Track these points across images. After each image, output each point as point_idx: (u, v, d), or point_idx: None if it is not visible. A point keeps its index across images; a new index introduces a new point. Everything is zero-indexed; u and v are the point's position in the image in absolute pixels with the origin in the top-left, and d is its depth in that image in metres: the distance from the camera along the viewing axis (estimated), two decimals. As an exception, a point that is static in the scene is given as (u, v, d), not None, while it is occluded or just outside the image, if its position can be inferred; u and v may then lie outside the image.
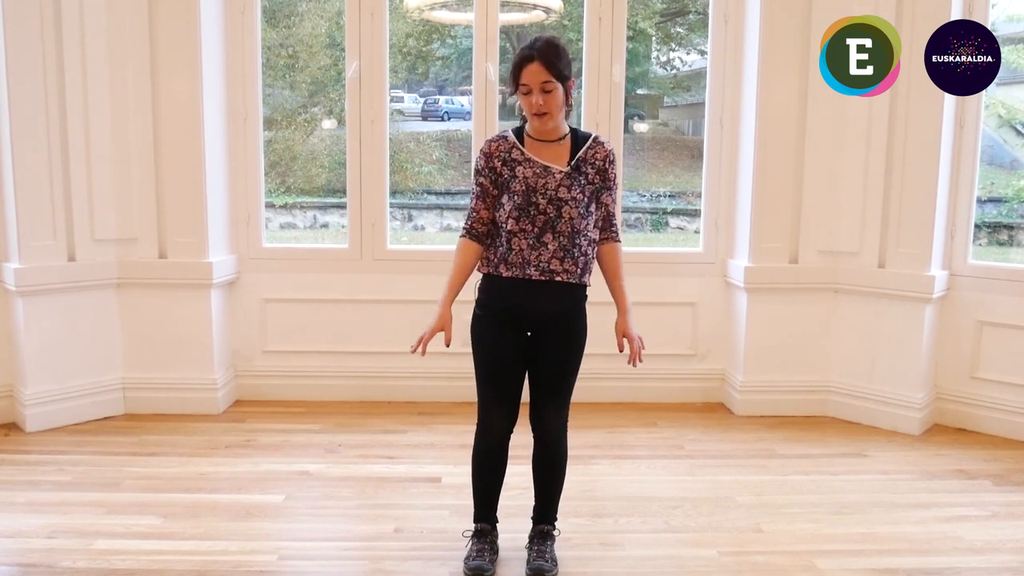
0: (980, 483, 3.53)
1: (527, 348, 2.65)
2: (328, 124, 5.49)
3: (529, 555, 2.74)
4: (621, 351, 2.70)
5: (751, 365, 4.37)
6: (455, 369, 4.32)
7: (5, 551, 2.83)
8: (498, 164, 2.54)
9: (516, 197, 2.51)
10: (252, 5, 4.30)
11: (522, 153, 2.54)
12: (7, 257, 3.94)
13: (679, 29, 5.89)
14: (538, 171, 2.51)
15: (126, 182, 4.11)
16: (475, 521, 2.82)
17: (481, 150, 2.59)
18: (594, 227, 2.61)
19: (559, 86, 2.46)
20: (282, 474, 3.52)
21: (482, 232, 2.59)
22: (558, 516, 2.85)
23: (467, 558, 2.75)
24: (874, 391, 4.23)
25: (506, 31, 4.92)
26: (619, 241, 2.69)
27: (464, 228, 2.60)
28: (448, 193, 6.00)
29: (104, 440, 3.88)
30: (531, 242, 2.52)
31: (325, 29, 5.21)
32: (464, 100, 5.45)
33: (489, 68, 4.24)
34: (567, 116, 2.60)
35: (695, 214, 5.09)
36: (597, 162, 2.56)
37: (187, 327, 4.24)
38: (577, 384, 4.57)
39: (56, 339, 4.00)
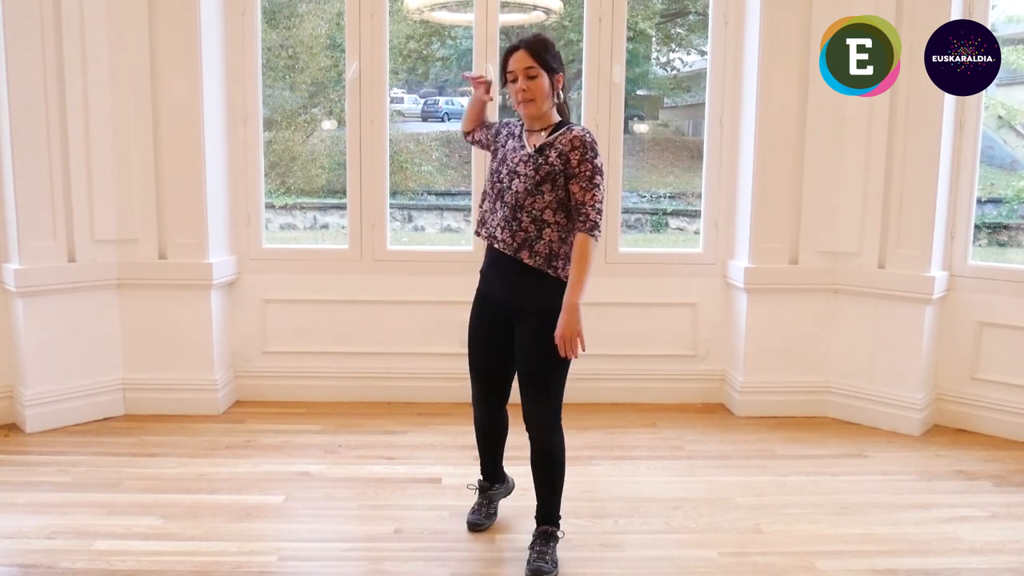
0: (980, 484, 3.53)
1: (509, 338, 2.77)
2: (328, 125, 5.49)
3: (530, 555, 2.76)
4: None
5: (751, 366, 4.37)
6: (455, 370, 4.32)
7: (5, 552, 2.83)
8: (503, 132, 2.79)
9: (493, 163, 2.75)
10: (252, 6, 4.30)
11: (516, 132, 2.74)
12: (7, 258, 3.94)
13: (679, 30, 5.90)
14: (516, 147, 2.70)
15: (126, 183, 4.11)
16: (480, 479, 3.10)
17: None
18: (556, 214, 2.62)
19: (544, 74, 2.58)
20: (282, 475, 3.52)
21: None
22: (560, 516, 2.84)
23: (469, 511, 3.05)
24: (874, 392, 4.23)
25: (506, 32, 4.92)
26: (588, 233, 2.58)
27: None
28: (448, 194, 6.00)
29: (104, 441, 3.88)
30: (491, 205, 2.72)
31: (325, 30, 5.22)
32: (464, 101, 5.45)
33: (489, 69, 4.24)
34: (560, 112, 2.69)
35: (695, 215, 5.09)
36: (560, 146, 2.60)
37: (187, 328, 4.24)
38: (577, 385, 4.58)
39: (56, 340, 4.00)
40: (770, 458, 3.80)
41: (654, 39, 5.81)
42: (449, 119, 6.09)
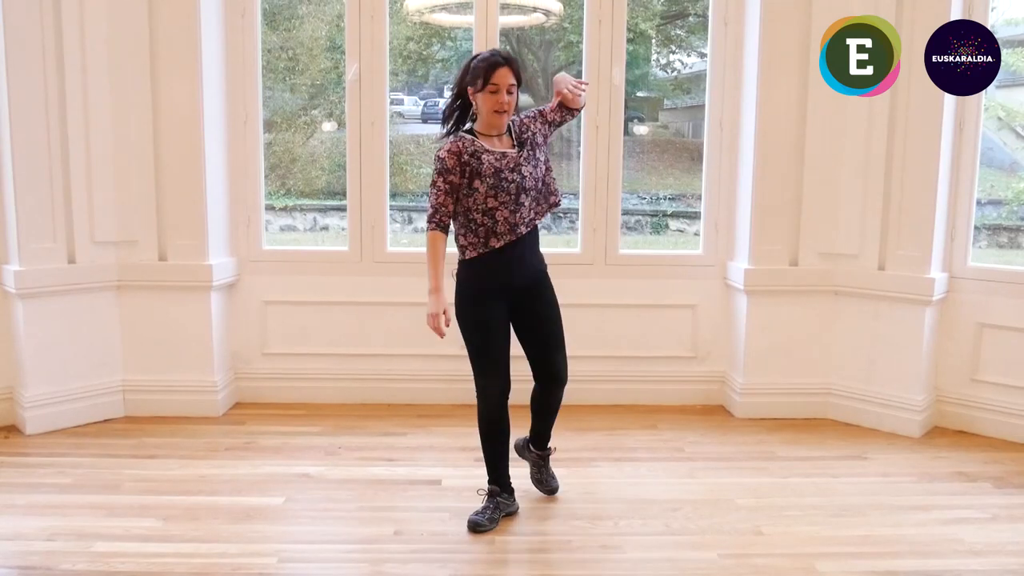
0: (980, 485, 3.52)
1: (515, 319, 3.10)
2: (328, 127, 5.49)
3: (543, 477, 3.33)
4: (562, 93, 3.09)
5: (751, 367, 4.37)
6: (455, 372, 4.32)
7: (5, 553, 2.83)
8: (467, 157, 2.93)
9: (488, 179, 2.92)
10: (252, 8, 4.30)
11: (482, 146, 2.96)
12: (7, 259, 3.94)
13: (679, 31, 5.89)
14: (497, 156, 2.96)
15: (126, 184, 4.12)
16: (488, 483, 3.15)
17: (446, 152, 2.92)
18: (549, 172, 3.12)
19: (517, 91, 2.96)
20: (282, 476, 3.52)
21: (447, 224, 2.97)
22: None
23: (474, 513, 3.10)
24: (874, 393, 4.23)
25: (506, 34, 4.93)
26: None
27: (433, 223, 2.94)
28: (448, 195, 5.98)
29: (104, 442, 3.88)
30: (513, 207, 2.96)
31: (325, 32, 5.22)
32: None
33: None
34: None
35: (695, 216, 5.09)
36: (522, 128, 3.06)
37: (187, 329, 4.24)
38: (577, 386, 4.63)
39: (56, 341, 4.00)
40: (770, 460, 3.80)
41: (654, 41, 5.81)
42: (449, 120, 6.07)
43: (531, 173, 3.00)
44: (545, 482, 3.35)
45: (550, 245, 5.44)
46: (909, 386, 4.13)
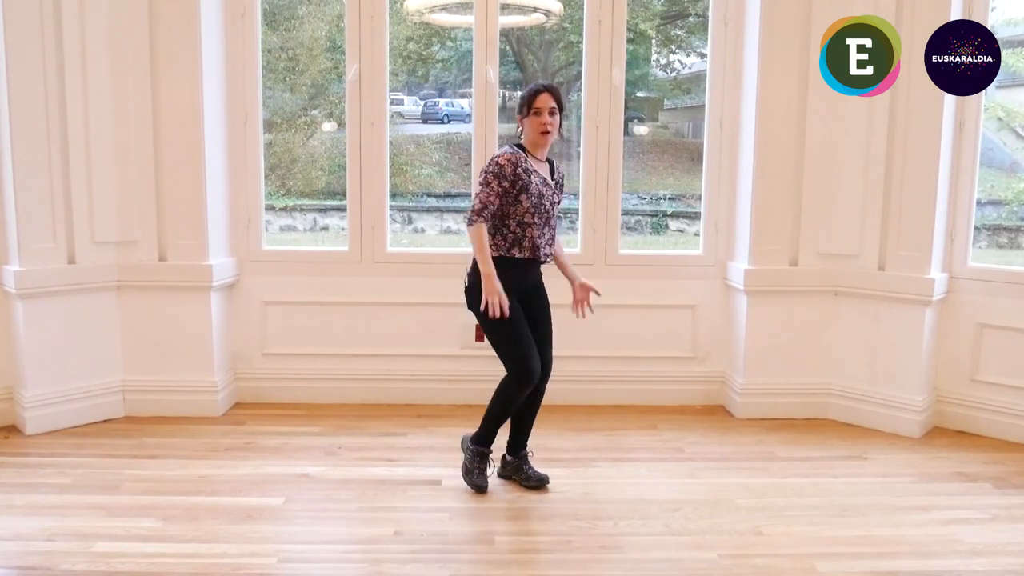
0: (980, 486, 3.52)
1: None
2: (328, 127, 5.50)
3: (527, 472, 3.44)
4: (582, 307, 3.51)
5: (751, 368, 4.37)
6: (455, 372, 4.33)
7: (4, 554, 2.83)
8: (521, 170, 3.22)
9: (532, 198, 3.23)
10: (252, 8, 4.30)
11: (532, 165, 3.27)
12: (7, 260, 3.94)
13: (679, 32, 5.90)
14: (540, 181, 3.28)
15: (126, 184, 4.12)
16: (485, 446, 3.39)
17: (505, 159, 3.22)
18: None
19: (559, 115, 3.26)
20: (282, 477, 3.52)
21: (490, 221, 3.23)
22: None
23: (473, 476, 3.38)
24: (874, 394, 4.23)
25: (506, 34, 4.93)
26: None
27: (482, 218, 3.19)
28: (448, 196, 6.00)
29: (104, 443, 3.88)
30: (540, 231, 3.29)
31: (325, 32, 5.22)
32: (464, 103, 5.47)
33: (489, 71, 4.25)
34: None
35: (695, 217, 5.09)
36: (561, 173, 3.49)
37: (187, 330, 4.24)
38: (577, 387, 4.66)
39: (56, 342, 4.00)
40: (770, 460, 3.80)
41: (654, 41, 5.81)
42: (449, 121, 6.09)
43: (552, 209, 3.34)
44: (532, 476, 3.46)
45: (550, 245, 5.45)
46: (909, 386, 4.13)
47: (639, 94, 6.00)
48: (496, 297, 3.13)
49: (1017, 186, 4.87)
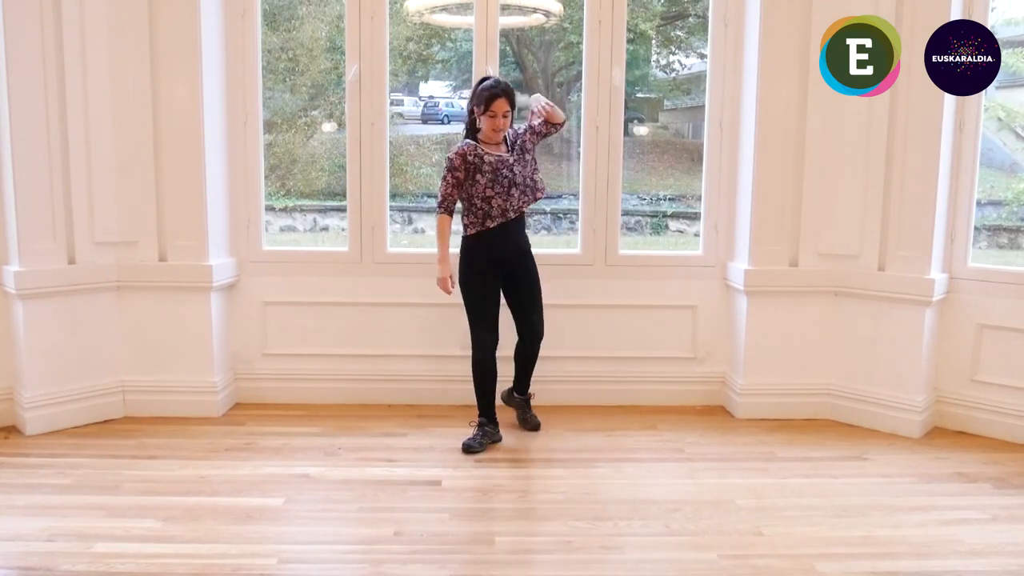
0: (980, 486, 3.52)
1: (504, 286, 3.88)
2: (328, 127, 5.50)
3: (526, 416, 4.11)
4: None
5: (751, 368, 4.37)
6: (455, 372, 4.33)
7: (4, 554, 2.83)
8: (471, 159, 3.74)
9: (487, 174, 3.73)
10: (252, 8, 4.30)
11: (483, 151, 3.77)
12: (7, 260, 3.94)
13: (679, 32, 5.91)
14: (495, 158, 3.77)
15: (126, 185, 4.12)
16: (479, 416, 3.89)
17: (456, 154, 3.75)
18: (537, 172, 3.89)
19: (512, 114, 3.75)
20: (282, 477, 3.52)
21: (452, 210, 3.80)
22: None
23: (467, 439, 3.85)
24: (874, 394, 4.23)
25: (506, 34, 4.93)
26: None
27: (442, 208, 3.78)
28: (448, 196, 5.99)
29: (104, 443, 3.88)
30: (505, 196, 3.75)
31: (325, 33, 5.23)
32: (464, 103, 5.46)
33: (489, 71, 4.25)
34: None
35: (695, 217, 5.09)
36: (520, 135, 3.88)
37: (187, 330, 4.24)
38: (577, 387, 4.67)
39: (56, 342, 4.00)
40: (770, 460, 3.80)
41: (654, 41, 5.82)
42: (449, 121, 6.10)
43: (520, 172, 3.80)
44: (529, 420, 4.11)
45: (550, 246, 5.47)
46: (909, 387, 4.13)
47: (639, 94, 6.01)
48: (443, 281, 3.79)
49: (1017, 186, 4.87)
